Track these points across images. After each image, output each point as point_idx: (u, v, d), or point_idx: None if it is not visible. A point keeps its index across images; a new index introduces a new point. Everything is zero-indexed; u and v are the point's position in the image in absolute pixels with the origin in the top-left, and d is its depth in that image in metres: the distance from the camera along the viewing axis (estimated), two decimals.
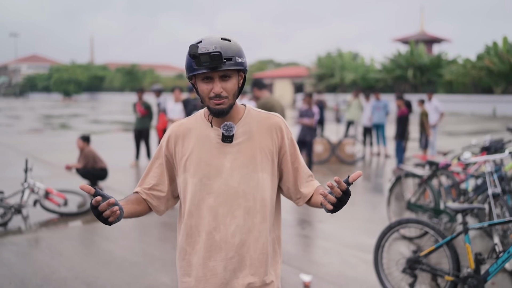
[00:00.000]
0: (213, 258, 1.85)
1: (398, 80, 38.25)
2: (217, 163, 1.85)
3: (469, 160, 4.98)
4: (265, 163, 1.88)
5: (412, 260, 3.82)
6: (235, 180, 1.83)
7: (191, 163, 1.86)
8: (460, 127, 21.16)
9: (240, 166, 1.84)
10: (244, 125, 1.89)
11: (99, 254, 5.12)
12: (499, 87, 32.35)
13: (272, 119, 1.93)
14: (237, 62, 1.77)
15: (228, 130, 1.83)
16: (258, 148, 1.87)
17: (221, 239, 1.83)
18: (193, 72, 1.78)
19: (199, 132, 1.90)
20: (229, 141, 1.85)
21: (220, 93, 1.77)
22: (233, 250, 1.83)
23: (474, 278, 3.52)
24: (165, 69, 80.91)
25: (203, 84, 1.79)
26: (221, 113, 1.80)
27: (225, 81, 1.78)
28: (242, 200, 1.84)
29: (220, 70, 1.75)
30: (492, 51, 32.81)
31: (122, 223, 6.35)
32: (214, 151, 1.86)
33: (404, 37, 49.85)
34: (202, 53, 1.70)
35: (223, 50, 1.72)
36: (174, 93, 9.19)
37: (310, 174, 2.01)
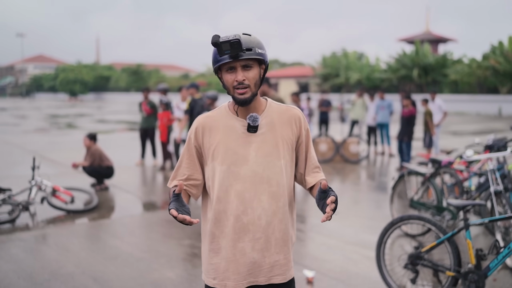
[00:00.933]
0: (241, 239, 2.01)
1: (403, 80, 38.20)
2: (243, 151, 2.00)
3: (471, 158, 5.02)
4: (286, 151, 2.05)
5: (413, 255, 3.86)
6: (260, 167, 2.00)
7: (219, 152, 2.00)
8: (465, 127, 21.14)
9: (264, 154, 2.01)
10: (267, 116, 2.05)
11: (105, 250, 5.20)
12: (505, 87, 32.25)
13: (291, 111, 2.11)
14: (257, 52, 1.92)
15: (254, 121, 1.98)
16: (280, 137, 2.04)
17: (248, 222, 2.00)
18: (217, 63, 1.93)
19: (225, 123, 2.04)
20: (254, 131, 2.01)
21: (243, 81, 1.92)
22: (260, 231, 2.00)
23: (475, 274, 3.56)
24: (170, 69, 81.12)
25: (227, 75, 1.95)
26: (245, 102, 1.95)
27: (247, 71, 1.93)
28: (267, 185, 2.00)
29: (241, 60, 1.90)
30: (498, 51, 32.73)
31: (128, 220, 6.44)
32: (240, 141, 2.01)
33: (409, 36, 49.76)
34: (223, 41, 1.84)
35: (242, 40, 1.87)
36: (181, 92, 9.26)
37: (317, 165, 2.18)
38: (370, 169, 10.97)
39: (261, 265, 2.02)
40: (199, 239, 5.55)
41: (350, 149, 11.47)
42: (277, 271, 2.05)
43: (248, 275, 2.02)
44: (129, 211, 6.93)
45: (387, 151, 12.69)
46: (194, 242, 5.43)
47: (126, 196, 7.85)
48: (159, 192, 8.30)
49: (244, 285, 2.03)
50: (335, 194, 1.89)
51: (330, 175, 9.88)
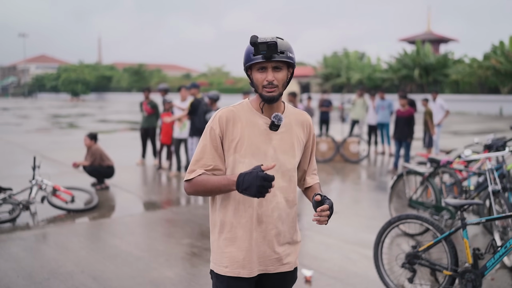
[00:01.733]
0: (256, 230, 2.12)
1: (404, 80, 38.19)
2: (264, 147, 2.12)
3: (469, 157, 5.03)
4: (298, 151, 2.21)
5: (411, 255, 3.87)
6: (277, 163, 2.11)
7: (242, 145, 2.09)
8: (466, 126, 21.12)
9: (281, 152, 2.14)
10: (286, 117, 2.18)
11: (105, 249, 5.22)
12: (506, 87, 32.21)
13: (304, 116, 2.28)
14: (288, 56, 2.04)
15: (279, 120, 2.10)
16: (296, 138, 2.20)
17: (263, 213, 2.11)
18: (250, 61, 2.04)
19: (247, 118, 2.13)
20: (275, 129, 2.13)
21: (272, 81, 2.03)
22: (272, 223, 2.13)
23: (472, 273, 3.58)
24: (172, 69, 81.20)
25: (258, 74, 2.06)
26: (272, 99, 2.07)
27: (277, 72, 2.05)
28: (281, 180, 2.14)
29: (273, 61, 2.02)
30: (499, 51, 32.69)
31: (128, 219, 6.46)
32: (262, 137, 2.12)
33: (410, 36, 49.73)
34: (261, 42, 1.96)
35: (278, 43, 1.99)
36: (181, 92, 9.29)
37: (316, 168, 2.40)
38: (370, 169, 10.98)
39: (271, 255, 2.15)
40: (199, 238, 5.57)
41: (350, 149, 11.48)
42: (285, 260, 2.20)
43: (259, 263, 2.14)
44: (129, 211, 6.95)
45: (387, 151, 12.70)
46: (194, 241, 5.45)
47: (127, 196, 7.87)
48: (160, 191, 8.32)
49: (255, 273, 2.14)
50: (330, 202, 2.02)
51: (330, 175, 9.89)
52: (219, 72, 67.05)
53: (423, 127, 10.79)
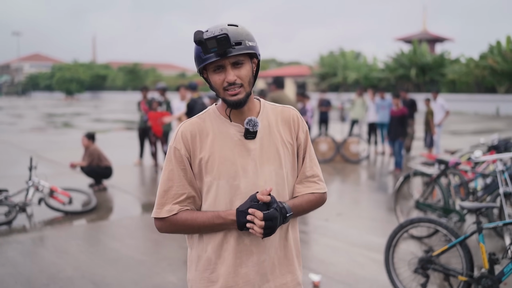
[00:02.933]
0: (244, 264, 1.73)
1: (401, 80, 38.15)
2: (242, 161, 1.72)
3: (480, 158, 4.92)
4: (287, 157, 1.80)
5: (424, 260, 3.75)
6: (261, 179, 1.73)
7: (214, 164, 1.72)
8: (464, 126, 21.08)
9: (265, 163, 1.75)
10: (263, 119, 1.79)
11: (105, 253, 5.07)
12: (503, 87, 32.24)
13: (288, 111, 1.85)
14: (247, 45, 1.66)
15: (254, 126, 1.71)
16: (280, 142, 1.79)
17: (251, 243, 1.72)
18: (202, 63, 1.66)
19: (216, 129, 1.75)
20: (252, 137, 1.74)
21: (234, 81, 1.65)
22: (264, 252, 1.74)
23: (488, 279, 3.45)
24: (167, 68, 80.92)
25: (215, 75, 1.68)
26: (239, 104, 1.69)
27: (238, 68, 1.67)
28: None
29: (230, 56, 1.63)
30: (496, 50, 32.71)
31: (128, 222, 6.31)
32: (237, 149, 1.73)
33: (406, 36, 49.73)
34: (208, 38, 1.59)
35: (230, 34, 1.61)
36: (180, 91, 9.14)
37: (315, 174, 1.87)
38: (371, 169, 10.87)
39: None
40: None
41: (350, 149, 11.37)
42: None
43: None
44: (129, 212, 6.80)
45: (388, 151, 12.60)
46: None
47: (125, 197, 7.72)
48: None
49: None
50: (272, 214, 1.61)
51: (330, 175, 9.77)
52: None
53: (424, 127, 10.69)
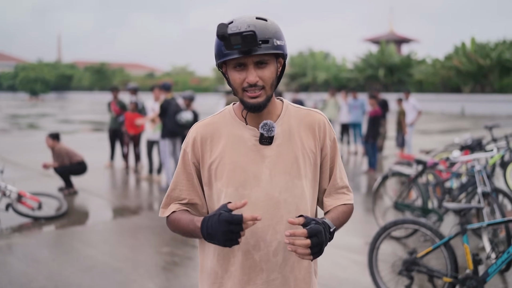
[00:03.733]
0: (252, 281, 1.59)
1: (370, 80, 38.67)
2: (255, 169, 1.58)
3: (458, 158, 4.95)
4: (308, 167, 1.63)
5: (409, 261, 3.73)
6: (275, 189, 1.58)
7: (224, 169, 1.59)
8: (431, 125, 21.48)
9: (281, 172, 1.59)
10: (283, 123, 1.63)
11: (79, 260, 4.87)
12: (467, 87, 33.07)
13: (314, 116, 1.67)
14: (275, 45, 1.49)
15: (269, 130, 1.56)
16: (300, 150, 1.62)
17: (261, 259, 1.58)
18: (223, 58, 1.51)
19: (230, 132, 1.62)
20: (268, 143, 1.59)
21: (256, 83, 1.50)
22: (276, 270, 1.59)
23: (473, 280, 3.45)
24: (135, 68, 79.75)
25: (235, 73, 1.52)
26: (258, 107, 1.54)
27: (261, 69, 1.51)
28: (284, 212, 1.58)
29: (255, 55, 1.48)
30: (461, 51, 33.52)
31: (101, 227, 6.10)
32: (250, 155, 1.59)
33: (374, 37, 50.51)
34: (233, 33, 1.42)
35: (258, 30, 1.45)
36: (154, 92, 8.94)
37: (344, 185, 1.75)
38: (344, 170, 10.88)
39: None
40: (179, 246, 5.29)
41: None
42: None
43: None
44: (102, 217, 6.58)
45: (360, 151, 12.68)
46: (174, 250, 5.16)
47: (97, 201, 7.48)
48: (132, 196, 7.96)
49: None
50: (316, 228, 1.43)
51: None
52: (183, 71, 66.24)
53: (396, 127, 10.79)
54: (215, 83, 54.31)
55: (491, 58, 31.42)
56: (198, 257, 4.95)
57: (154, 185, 8.61)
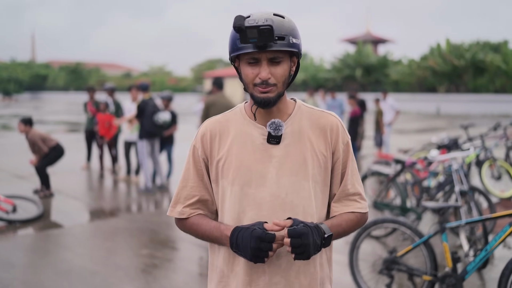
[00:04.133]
0: (254, 283, 1.57)
1: (347, 80, 39.03)
2: (261, 168, 1.56)
3: (436, 158, 5.01)
4: (316, 169, 1.59)
5: (389, 260, 3.75)
6: (282, 190, 1.55)
7: (230, 167, 1.58)
8: (408, 125, 21.77)
9: (288, 173, 1.56)
10: (294, 123, 1.60)
11: (56, 264, 4.76)
12: (443, 87, 33.68)
13: (327, 117, 1.64)
14: (290, 42, 1.48)
15: (276, 129, 1.55)
16: (310, 151, 1.58)
17: None
18: (237, 51, 1.50)
19: (238, 129, 1.60)
20: (276, 142, 1.57)
21: (268, 80, 1.49)
22: (278, 274, 1.56)
23: (452, 277, 3.49)
24: (111, 68, 78.82)
25: (248, 68, 1.51)
26: (268, 103, 1.51)
27: (274, 66, 1.50)
28: (290, 214, 1.55)
29: (269, 51, 1.47)
30: (436, 52, 34.10)
31: (78, 230, 5.99)
32: (257, 154, 1.57)
33: (351, 37, 50.94)
34: (250, 26, 1.41)
35: (275, 26, 1.44)
36: (131, 92, 8.82)
37: (356, 192, 1.66)
38: None
39: None
40: (159, 248, 5.22)
41: None
42: None
43: None
44: (79, 220, 6.46)
45: None
46: (153, 252, 5.09)
47: (74, 203, 7.34)
48: (109, 197, 7.84)
49: None
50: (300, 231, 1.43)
51: None
52: (161, 71, 65.78)
53: (374, 126, 10.88)
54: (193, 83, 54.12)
55: (465, 59, 32.05)
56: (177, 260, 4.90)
57: (132, 187, 8.51)
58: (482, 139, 7.03)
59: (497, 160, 7.11)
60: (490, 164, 7.06)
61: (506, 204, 6.65)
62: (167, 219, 6.46)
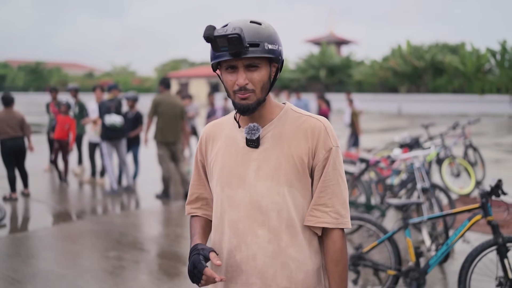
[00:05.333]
0: (234, 280, 1.62)
1: (311, 80, 39.50)
2: (241, 171, 1.61)
3: (399, 156, 5.17)
4: (292, 175, 1.58)
5: (355, 256, 3.87)
6: (258, 193, 1.58)
7: (216, 169, 1.66)
8: (370, 124, 22.22)
9: (264, 177, 1.58)
10: (276, 127, 1.62)
11: (21, 268, 4.66)
12: (404, 87, 34.56)
13: (310, 122, 1.61)
14: (266, 48, 1.50)
15: (250, 133, 1.58)
16: (287, 156, 1.58)
17: (241, 260, 1.60)
18: (215, 59, 1.55)
19: (227, 133, 1.68)
20: (254, 146, 1.60)
21: (245, 86, 1.52)
22: (254, 275, 1.58)
23: (415, 271, 3.63)
24: (73, 68, 77.09)
25: (227, 75, 1.56)
26: (247, 109, 1.55)
27: (251, 72, 1.53)
28: (265, 217, 1.57)
29: (244, 58, 1.50)
30: (397, 53, 34.92)
31: (43, 233, 5.88)
32: (239, 157, 1.62)
33: (315, 38, 51.54)
34: (219, 36, 1.44)
35: (247, 34, 1.47)
36: (96, 92, 8.68)
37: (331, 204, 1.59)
38: None
39: None
40: (126, 249, 5.19)
41: None
42: None
43: None
44: (43, 223, 6.33)
45: None
46: (121, 254, 5.06)
47: (38, 206, 7.19)
48: (74, 200, 7.71)
49: None
50: None
51: None
52: (124, 71, 64.85)
53: (350, 129, 10.83)
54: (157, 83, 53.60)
55: (425, 60, 32.97)
56: (145, 261, 4.87)
57: (98, 188, 8.39)
58: (442, 138, 7.28)
59: (456, 158, 7.38)
60: (449, 162, 7.32)
61: (465, 200, 6.91)
62: (134, 221, 6.42)
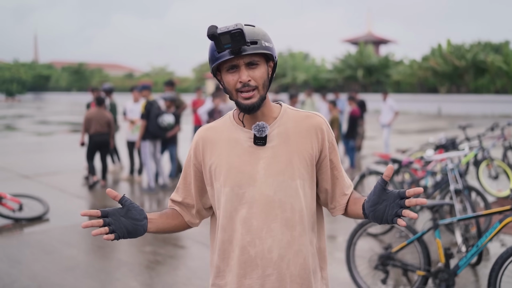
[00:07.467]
0: (248, 275, 1.67)
1: (349, 80, 39.10)
2: (250, 169, 1.67)
3: (431, 157, 5.13)
4: (303, 168, 1.70)
5: (384, 256, 3.88)
6: (270, 189, 1.66)
7: (221, 171, 1.70)
8: (409, 125, 21.87)
9: (275, 173, 1.66)
10: (280, 125, 1.71)
11: (61, 261, 4.91)
12: (444, 87, 33.72)
13: (312, 118, 1.74)
14: (263, 45, 1.60)
15: (260, 131, 1.65)
16: (296, 151, 1.69)
17: (257, 255, 1.66)
18: (216, 61, 1.61)
19: (228, 135, 1.73)
20: (262, 144, 1.67)
21: (248, 82, 1.60)
22: (270, 266, 1.66)
23: (445, 272, 3.62)
24: (114, 68, 79.04)
25: (228, 75, 1.63)
26: (252, 108, 1.62)
27: (252, 69, 1.61)
28: (279, 210, 1.66)
29: (245, 56, 1.58)
30: (437, 53, 34.14)
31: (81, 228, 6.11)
32: (246, 156, 1.68)
33: (352, 38, 51.01)
34: (222, 33, 1.52)
35: (246, 31, 1.55)
36: (133, 93, 8.97)
37: (350, 184, 1.83)
38: None
39: None
40: (161, 245, 5.36)
41: None
42: None
43: None
44: (81, 218, 6.60)
45: (341, 150, 12.88)
46: (156, 249, 5.23)
47: (77, 202, 7.49)
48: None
49: None
50: None
51: None
52: (162, 71, 65.88)
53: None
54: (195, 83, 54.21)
55: (466, 59, 32.09)
56: (179, 256, 5.04)
57: (135, 186, 8.65)
58: (479, 139, 7.15)
59: (494, 160, 7.23)
60: (487, 164, 7.18)
61: (503, 203, 6.76)
62: None
